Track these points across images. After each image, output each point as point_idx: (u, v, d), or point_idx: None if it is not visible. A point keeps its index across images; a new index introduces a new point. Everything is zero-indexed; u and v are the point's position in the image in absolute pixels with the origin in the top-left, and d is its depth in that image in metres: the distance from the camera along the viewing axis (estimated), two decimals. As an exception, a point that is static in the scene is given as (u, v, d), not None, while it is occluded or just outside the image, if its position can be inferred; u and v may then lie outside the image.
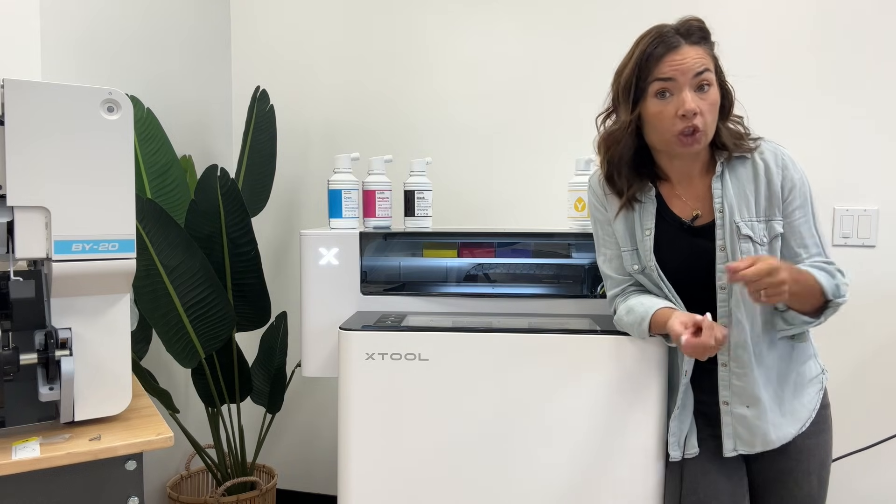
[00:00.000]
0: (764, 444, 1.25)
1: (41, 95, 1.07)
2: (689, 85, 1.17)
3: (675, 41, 1.18)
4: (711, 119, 1.19)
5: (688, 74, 1.16)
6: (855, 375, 1.97)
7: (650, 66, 1.18)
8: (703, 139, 1.20)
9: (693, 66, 1.16)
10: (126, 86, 1.90)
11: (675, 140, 1.19)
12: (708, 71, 1.18)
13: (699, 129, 1.17)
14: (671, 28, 1.20)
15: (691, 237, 1.27)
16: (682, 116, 1.16)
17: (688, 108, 1.16)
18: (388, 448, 1.39)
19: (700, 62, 1.17)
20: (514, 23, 2.18)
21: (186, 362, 1.87)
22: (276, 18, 2.40)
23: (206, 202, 1.87)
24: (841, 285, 1.18)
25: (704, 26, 1.21)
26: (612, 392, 1.35)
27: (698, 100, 1.17)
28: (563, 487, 1.37)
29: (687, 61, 1.16)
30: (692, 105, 1.16)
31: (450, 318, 1.56)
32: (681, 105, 1.16)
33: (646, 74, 1.19)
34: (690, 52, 1.17)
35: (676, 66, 1.17)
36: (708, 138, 1.21)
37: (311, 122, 2.38)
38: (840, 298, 1.17)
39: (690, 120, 1.16)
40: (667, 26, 1.20)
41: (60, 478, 1.06)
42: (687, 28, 1.20)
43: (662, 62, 1.17)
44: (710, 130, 1.20)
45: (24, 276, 1.10)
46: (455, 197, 2.22)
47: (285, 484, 2.50)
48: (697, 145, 1.20)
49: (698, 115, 1.16)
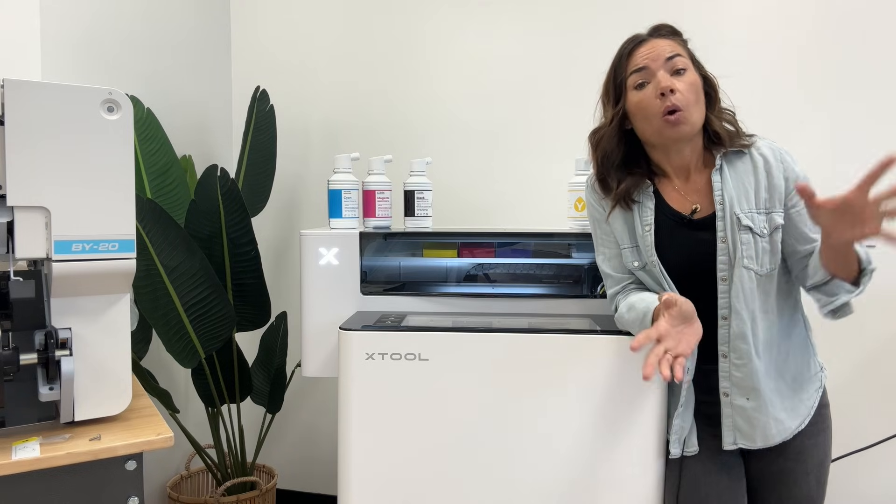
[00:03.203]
0: (764, 438, 1.25)
1: (41, 95, 1.07)
2: (663, 69, 1.22)
3: (644, 38, 1.26)
4: (693, 99, 1.21)
5: (659, 60, 1.22)
6: (855, 375, 1.97)
7: (624, 63, 1.26)
8: (688, 118, 1.21)
9: (662, 52, 1.22)
10: (126, 86, 1.90)
11: (661, 123, 1.22)
12: (679, 56, 1.23)
13: (679, 107, 1.19)
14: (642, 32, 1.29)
15: (691, 231, 1.27)
16: (662, 95, 1.20)
17: (664, 86, 1.19)
18: (388, 448, 1.39)
19: (669, 48, 1.23)
20: (514, 23, 2.18)
21: (186, 362, 1.87)
22: (277, 18, 2.40)
23: (206, 202, 1.87)
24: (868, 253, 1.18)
25: (673, 27, 1.29)
26: (612, 391, 1.35)
27: (674, 81, 1.20)
28: (564, 486, 1.37)
29: (655, 49, 1.23)
30: (666, 82, 1.19)
31: (450, 318, 1.56)
32: (658, 85, 1.20)
33: (622, 71, 1.26)
34: (659, 42, 1.24)
35: (646, 54, 1.23)
36: (693, 118, 1.22)
37: (311, 122, 2.38)
38: (871, 264, 1.18)
39: (668, 98, 1.19)
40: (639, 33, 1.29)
41: (60, 478, 1.06)
42: (655, 28, 1.28)
43: (634, 56, 1.25)
44: (694, 111, 1.21)
45: (24, 276, 1.10)
46: (455, 197, 2.22)
47: (285, 484, 2.50)
48: (684, 125, 1.21)
49: (676, 93, 1.19)
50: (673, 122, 1.20)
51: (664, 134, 1.23)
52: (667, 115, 1.20)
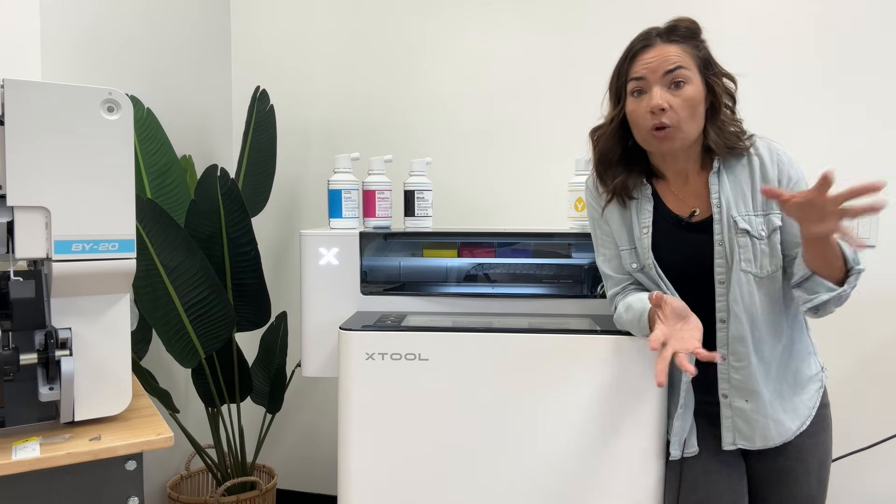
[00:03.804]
0: (763, 439, 1.25)
1: (41, 95, 1.07)
2: (660, 83, 1.18)
3: (651, 41, 1.21)
4: (686, 115, 1.19)
5: (657, 72, 1.18)
6: (855, 375, 1.97)
7: (628, 65, 1.23)
8: (677, 135, 1.19)
9: (662, 65, 1.18)
10: (126, 86, 1.90)
11: (649, 136, 1.21)
12: (682, 68, 1.18)
13: (667, 125, 1.18)
14: (657, 29, 1.23)
15: (689, 233, 1.27)
16: (652, 113, 1.18)
17: (653, 104, 1.18)
18: (388, 448, 1.39)
19: (673, 59, 1.18)
20: (513, 23, 2.18)
21: (186, 362, 1.87)
22: (277, 18, 2.40)
23: (206, 202, 1.87)
24: (857, 253, 1.17)
25: (692, 26, 1.22)
26: (612, 392, 1.35)
27: (670, 96, 1.18)
28: (563, 486, 1.37)
29: (657, 59, 1.19)
30: (658, 101, 1.17)
31: (450, 318, 1.56)
32: (650, 101, 1.18)
33: (624, 74, 1.24)
34: (666, 49, 1.19)
35: (646, 64, 1.20)
36: (685, 134, 1.20)
37: (311, 122, 2.38)
38: (859, 265, 1.16)
39: (659, 116, 1.18)
40: (655, 28, 1.23)
41: (60, 478, 1.06)
42: (669, 27, 1.22)
43: (636, 62, 1.21)
44: (687, 127, 1.20)
45: (24, 276, 1.10)
46: (455, 197, 2.22)
47: (285, 484, 2.50)
48: (669, 142, 1.20)
49: (667, 111, 1.17)
50: (660, 137, 1.20)
51: (651, 145, 1.24)
52: (654, 130, 1.20)
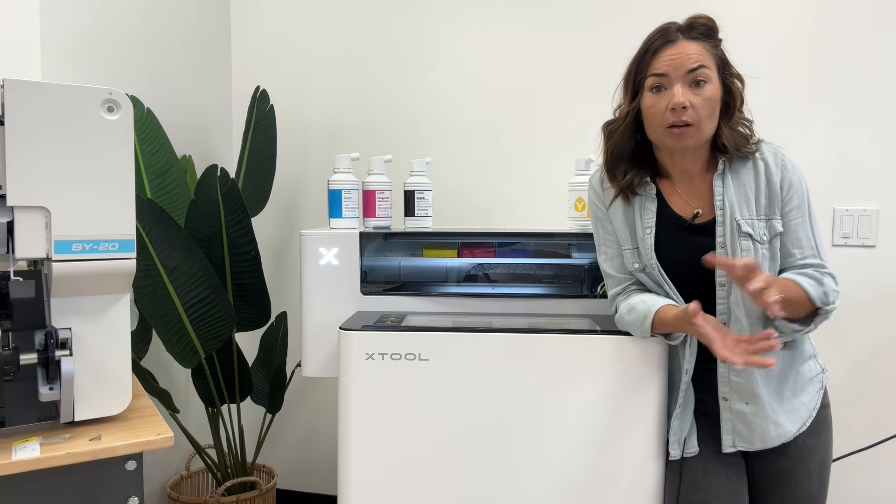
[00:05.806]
0: (763, 441, 1.25)
1: (41, 95, 1.06)
2: (682, 80, 1.18)
3: (674, 37, 1.20)
4: (706, 114, 1.19)
5: (681, 70, 1.18)
6: (855, 375, 1.97)
7: (647, 60, 1.22)
8: (696, 134, 1.20)
9: (686, 62, 1.18)
10: (126, 86, 1.89)
11: (665, 133, 1.21)
12: (704, 67, 1.18)
13: (689, 123, 1.18)
14: (676, 24, 1.22)
15: (692, 235, 1.27)
16: (672, 110, 1.18)
17: (676, 102, 1.17)
18: (388, 448, 1.39)
19: (695, 58, 1.18)
20: (514, 22, 2.18)
21: (186, 362, 1.87)
22: (276, 18, 2.40)
23: (206, 202, 1.87)
24: (829, 292, 1.18)
25: (711, 24, 1.23)
26: (612, 392, 1.35)
27: (691, 95, 1.18)
28: (563, 487, 1.37)
29: (680, 56, 1.18)
30: (681, 99, 1.17)
31: (450, 318, 1.56)
32: (671, 99, 1.18)
33: (643, 69, 1.23)
34: (688, 47, 1.19)
35: (670, 60, 1.19)
36: (702, 133, 1.21)
37: (311, 122, 2.38)
38: (829, 305, 1.18)
39: (680, 115, 1.18)
40: (674, 23, 1.22)
41: (60, 478, 1.06)
42: (690, 24, 1.22)
43: (658, 57, 1.20)
44: (705, 126, 1.20)
45: (24, 276, 1.10)
46: (455, 197, 2.22)
47: (285, 484, 2.50)
48: (689, 139, 1.20)
49: (689, 109, 1.17)
50: (677, 134, 1.20)
51: (666, 142, 1.23)
52: (670, 127, 1.19)
